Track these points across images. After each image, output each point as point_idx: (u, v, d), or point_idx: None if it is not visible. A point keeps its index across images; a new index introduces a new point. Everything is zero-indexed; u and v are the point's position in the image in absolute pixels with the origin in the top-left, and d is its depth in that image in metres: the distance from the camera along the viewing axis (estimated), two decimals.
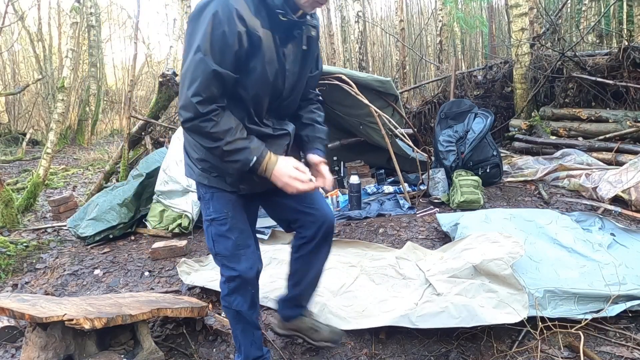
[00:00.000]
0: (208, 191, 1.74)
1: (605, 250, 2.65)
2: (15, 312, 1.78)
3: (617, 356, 1.97)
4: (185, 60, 1.47)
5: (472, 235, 2.72)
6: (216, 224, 1.75)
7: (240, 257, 1.77)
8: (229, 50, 1.44)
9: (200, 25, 1.43)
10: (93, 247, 3.83)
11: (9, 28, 11.88)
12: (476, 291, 2.22)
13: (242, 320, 1.87)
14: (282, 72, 1.59)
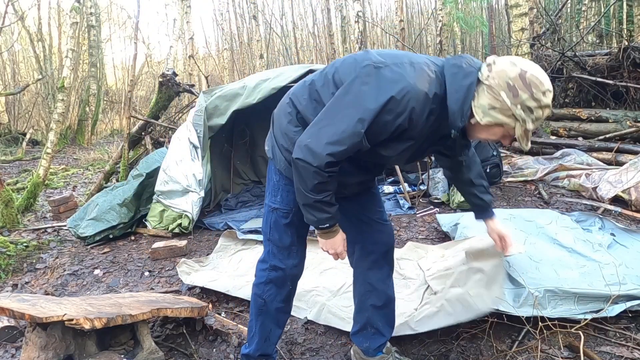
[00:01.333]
0: (282, 180, 1.72)
1: (605, 250, 2.65)
2: (15, 312, 1.78)
3: (617, 356, 1.97)
4: (340, 109, 1.45)
5: (476, 237, 2.72)
6: (278, 213, 1.75)
7: (292, 252, 1.78)
8: (382, 135, 1.47)
9: (376, 94, 1.41)
10: (93, 247, 3.83)
11: (9, 28, 11.88)
12: (467, 277, 2.21)
13: (266, 313, 1.84)
14: (413, 157, 1.70)
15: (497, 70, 1.41)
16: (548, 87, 1.40)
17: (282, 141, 1.66)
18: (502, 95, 1.39)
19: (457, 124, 1.47)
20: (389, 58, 1.48)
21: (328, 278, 2.72)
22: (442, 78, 1.48)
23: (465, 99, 1.44)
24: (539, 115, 1.42)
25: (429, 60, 1.53)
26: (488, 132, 1.51)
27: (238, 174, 5.20)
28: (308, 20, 15.38)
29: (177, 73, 5.72)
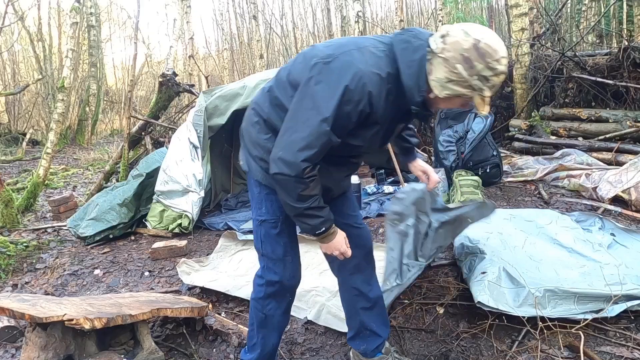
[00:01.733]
0: (263, 191, 1.70)
1: (605, 250, 2.65)
2: (15, 312, 1.79)
3: (617, 356, 1.97)
4: (302, 114, 1.45)
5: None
6: (267, 225, 1.72)
7: (286, 263, 1.75)
8: (348, 126, 1.47)
9: (330, 90, 1.41)
10: (93, 247, 3.83)
11: (9, 28, 11.88)
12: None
13: (268, 326, 1.83)
14: (384, 139, 1.69)
15: (451, 42, 1.40)
16: (502, 54, 1.41)
17: (256, 152, 1.66)
18: (457, 68, 1.39)
19: (415, 99, 1.48)
20: (336, 49, 1.47)
21: (328, 278, 2.71)
22: (393, 56, 1.47)
23: (419, 73, 1.45)
24: (495, 82, 1.44)
25: (376, 40, 1.53)
26: (448, 102, 1.54)
27: (238, 174, 5.19)
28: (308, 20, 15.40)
29: (177, 73, 5.72)
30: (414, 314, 2.42)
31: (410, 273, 2.33)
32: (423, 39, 1.47)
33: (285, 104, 1.55)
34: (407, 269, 2.29)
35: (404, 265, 2.27)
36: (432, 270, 2.84)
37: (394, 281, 2.22)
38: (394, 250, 2.20)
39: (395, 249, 2.20)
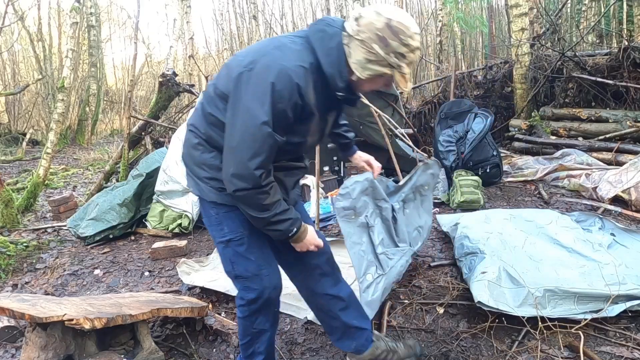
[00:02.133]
0: (220, 211, 1.65)
1: (605, 250, 2.65)
2: (15, 312, 1.79)
3: (617, 356, 1.97)
4: (241, 126, 1.45)
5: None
6: (233, 244, 1.67)
7: (263, 277, 1.69)
8: (286, 122, 1.48)
9: (260, 93, 1.42)
10: (93, 247, 3.83)
11: (9, 28, 11.88)
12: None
13: (262, 337, 1.81)
14: (322, 131, 1.71)
15: (365, 23, 1.44)
16: (415, 30, 1.46)
17: (205, 173, 1.63)
18: (374, 47, 1.43)
19: (339, 85, 1.51)
20: (256, 54, 1.49)
21: None
22: (311, 47, 1.50)
23: (338, 60, 1.49)
24: (412, 58, 1.49)
25: (292, 36, 1.56)
26: (371, 83, 1.56)
27: None
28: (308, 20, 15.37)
29: (177, 73, 5.72)
30: (414, 314, 2.42)
31: (393, 261, 2.33)
32: (337, 26, 1.51)
33: (219, 118, 1.55)
34: (387, 258, 2.30)
35: (380, 255, 2.25)
36: (432, 270, 2.84)
37: (376, 272, 2.19)
38: (360, 244, 2.15)
39: (362, 242, 2.16)
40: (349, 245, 2.10)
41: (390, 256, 2.33)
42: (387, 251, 2.32)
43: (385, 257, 2.29)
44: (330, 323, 1.94)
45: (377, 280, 2.20)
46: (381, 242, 2.28)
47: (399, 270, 2.39)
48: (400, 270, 2.41)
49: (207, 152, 1.61)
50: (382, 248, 2.28)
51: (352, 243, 2.11)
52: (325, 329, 2.02)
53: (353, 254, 2.10)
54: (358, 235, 2.15)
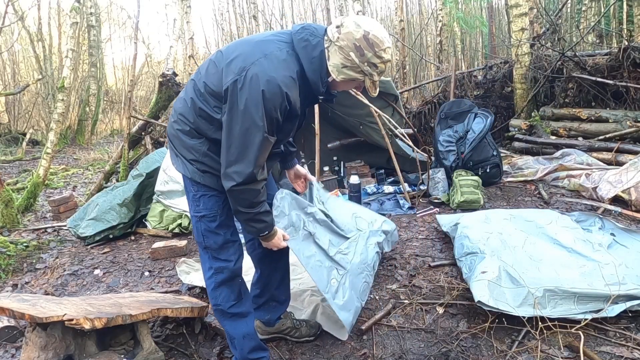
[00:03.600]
0: (200, 190, 1.82)
1: (605, 250, 2.65)
2: (15, 312, 1.78)
3: (617, 356, 1.97)
4: (236, 126, 1.59)
5: None
6: (206, 220, 1.84)
7: (229, 248, 1.89)
8: (277, 124, 1.65)
9: (254, 103, 1.55)
10: (93, 247, 3.83)
11: (9, 28, 11.88)
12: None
13: (229, 318, 1.93)
14: (300, 123, 1.87)
15: (345, 32, 1.60)
16: (388, 45, 1.64)
17: (191, 156, 1.78)
18: (351, 55, 1.61)
19: (320, 89, 1.70)
20: (245, 60, 1.60)
21: None
22: (296, 54, 1.65)
23: (320, 68, 1.66)
24: (382, 69, 1.67)
25: (278, 40, 1.68)
26: (345, 85, 1.75)
27: None
28: (308, 20, 15.37)
29: (177, 73, 5.71)
30: (414, 314, 2.42)
31: (350, 254, 2.37)
32: (319, 35, 1.66)
33: (210, 114, 1.70)
34: (342, 255, 2.31)
35: (336, 256, 2.26)
36: (432, 270, 2.84)
37: (338, 275, 2.23)
38: (313, 256, 2.14)
39: (313, 253, 2.15)
40: (305, 261, 2.07)
41: (344, 252, 2.34)
42: (340, 249, 2.32)
43: (340, 255, 2.30)
44: (264, 290, 2.18)
45: (341, 281, 2.21)
46: (330, 244, 2.27)
47: (362, 259, 2.41)
48: (363, 258, 2.43)
49: (196, 139, 1.76)
50: (334, 248, 2.28)
51: (306, 258, 2.10)
52: (256, 294, 2.21)
53: (311, 269, 2.09)
54: (307, 248, 2.13)
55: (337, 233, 2.36)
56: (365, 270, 2.43)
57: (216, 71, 1.67)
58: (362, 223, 2.67)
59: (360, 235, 2.53)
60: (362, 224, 2.65)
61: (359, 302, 2.29)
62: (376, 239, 2.66)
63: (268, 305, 2.21)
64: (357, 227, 2.58)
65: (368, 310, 2.48)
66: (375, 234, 2.68)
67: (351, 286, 2.25)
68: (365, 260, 2.45)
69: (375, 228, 2.73)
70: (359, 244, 2.46)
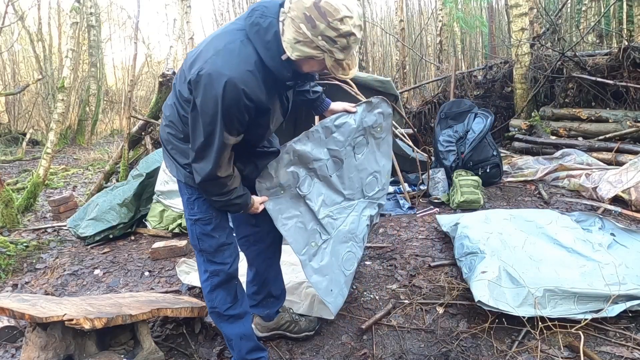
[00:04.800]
0: (194, 192, 1.79)
1: (605, 250, 2.65)
2: (15, 312, 1.78)
3: (617, 356, 1.97)
4: (196, 128, 1.54)
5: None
6: (201, 223, 1.81)
7: (225, 252, 1.85)
8: (241, 123, 1.54)
9: (210, 104, 1.46)
10: (93, 247, 3.83)
11: (9, 28, 11.88)
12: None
13: (226, 321, 1.92)
14: (284, 111, 1.77)
15: (295, 1, 1.39)
16: (345, 14, 1.36)
17: (183, 160, 1.74)
18: (302, 27, 1.38)
19: (285, 75, 1.52)
20: (200, 59, 1.49)
21: None
22: (252, 42, 1.48)
23: (277, 51, 1.46)
24: (345, 44, 1.40)
25: (233, 30, 1.52)
26: (306, 65, 1.52)
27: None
28: None
29: (177, 73, 5.71)
30: (414, 314, 2.42)
31: (339, 220, 2.23)
32: (271, 14, 1.47)
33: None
34: (331, 219, 2.18)
35: (323, 220, 2.13)
36: (432, 270, 2.84)
37: (320, 239, 2.12)
38: (297, 216, 2.03)
39: (298, 213, 2.04)
40: (281, 222, 1.98)
41: (335, 217, 2.20)
42: (331, 212, 2.18)
43: (329, 219, 2.16)
44: (261, 286, 2.17)
45: (322, 246, 2.13)
46: (323, 204, 2.13)
47: (350, 229, 2.29)
48: (352, 228, 2.30)
49: (187, 144, 1.70)
50: (325, 210, 2.14)
51: (286, 219, 1.99)
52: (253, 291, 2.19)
53: (288, 230, 1.99)
54: (292, 209, 2.02)
55: (336, 190, 2.20)
56: (352, 240, 2.32)
57: (180, 75, 1.62)
58: (372, 187, 2.41)
59: (358, 204, 2.36)
60: (370, 188, 2.41)
61: (341, 270, 2.22)
62: (370, 211, 2.44)
63: (266, 301, 2.20)
64: (363, 190, 2.36)
65: (368, 310, 2.48)
66: (371, 206, 2.46)
67: (333, 253, 2.17)
68: (354, 231, 2.33)
69: (376, 196, 2.49)
70: (352, 213, 2.31)
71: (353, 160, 2.23)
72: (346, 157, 2.17)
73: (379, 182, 2.41)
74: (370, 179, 2.37)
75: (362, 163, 2.28)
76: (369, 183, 2.36)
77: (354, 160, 2.23)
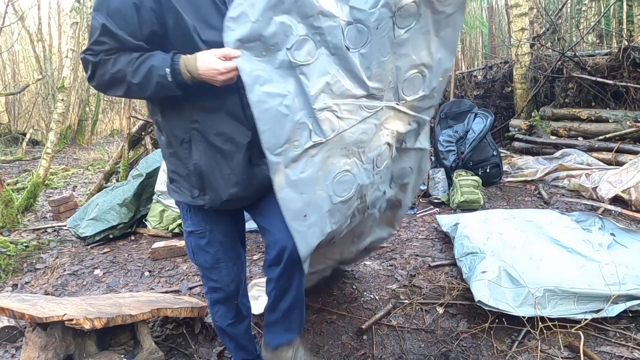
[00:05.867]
0: (184, 206, 1.68)
1: (605, 250, 2.65)
2: (15, 312, 1.78)
3: (617, 356, 1.97)
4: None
5: None
6: (195, 236, 1.69)
7: (222, 269, 1.71)
8: (131, 20, 1.30)
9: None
10: (93, 247, 3.83)
11: (9, 28, 11.88)
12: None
13: (225, 333, 1.86)
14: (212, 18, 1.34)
15: None
16: None
17: (167, 175, 1.64)
18: None
19: None
20: None
21: None
22: None
23: None
24: None
25: None
26: None
27: None
28: None
29: None
30: (414, 314, 2.42)
31: (346, 121, 1.45)
32: None
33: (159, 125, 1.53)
34: (332, 116, 1.42)
35: (322, 113, 1.39)
36: (432, 270, 2.84)
37: (308, 139, 1.40)
38: (280, 96, 1.33)
39: (285, 93, 1.34)
40: (256, 96, 1.29)
41: (340, 113, 1.43)
42: (335, 105, 1.41)
43: (329, 115, 1.41)
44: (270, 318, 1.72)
45: (310, 151, 1.41)
46: (326, 90, 1.39)
47: (359, 138, 1.50)
48: (364, 139, 1.52)
49: (167, 157, 1.57)
50: (326, 99, 1.39)
51: (265, 94, 1.30)
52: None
53: (264, 112, 1.31)
54: (279, 81, 1.33)
55: (354, 75, 1.42)
56: (356, 156, 1.53)
57: None
58: (413, 87, 1.59)
59: (384, 110, 1.54)
60: (410, 89, 1.58)
61: (327, 193, 1.49)
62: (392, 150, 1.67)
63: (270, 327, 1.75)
64: (398, 88, 1.55)
65: (368, 310, 2.48)
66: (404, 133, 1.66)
67: (322, 165, 1.45)
68: (364, 144, 1.53)
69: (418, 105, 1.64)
70: (369, 119, 1.51)
71: (390, 36, 1.43)
72: (379, 28, 1.39)
73: (425, 83, 1.57)
74: (413, 75, 1.53)
75: (405, 45, 1.47)
76: (409, 79, 1.54)
77: (391, 35, 1.43)
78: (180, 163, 1.52)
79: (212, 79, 1.30)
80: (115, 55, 1.32)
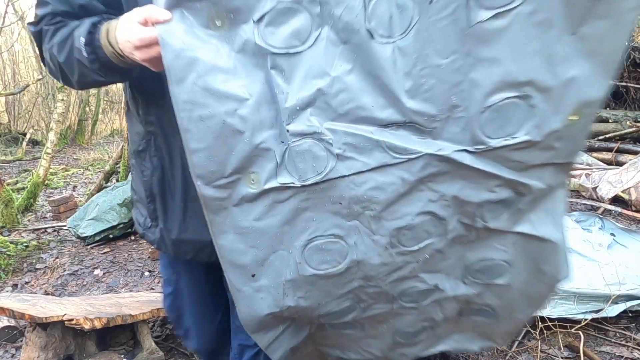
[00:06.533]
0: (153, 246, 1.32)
1: (605, 250, 2.65)
2: (15, 312, 1.79)
3: (617, 356, 1.97)
4: None
5: None
6: (164, 281, 1.40)
7: (190, 333, 1.42)
8: None
9: None
10: (93, 247, 3.83)
11: (9, 28, 11.88)
12: None
13: None
14: None
15: None
16: None
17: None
18: None
19: None
20: None
21: None
22: None
23: None
24: None
25: None
26: None
27: None
28: None
29: None
30: None
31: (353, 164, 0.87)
32: None
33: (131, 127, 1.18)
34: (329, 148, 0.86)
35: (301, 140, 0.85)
36: None
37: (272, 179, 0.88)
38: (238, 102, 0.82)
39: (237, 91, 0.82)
40: (185, 99, 0.81)
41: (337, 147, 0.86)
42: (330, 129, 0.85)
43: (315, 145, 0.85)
44: None
45: (275, 193, 0.90)
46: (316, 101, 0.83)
47: (363, 195, 0.90)
48: (371, 195, 0.90)
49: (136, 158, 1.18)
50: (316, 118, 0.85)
51: (203, 93, 0.81)
52: None
53: (198, 120, 0.82)
54: (235, 77, 0.82)
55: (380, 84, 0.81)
56: (355, 218, 0.95)
57: None
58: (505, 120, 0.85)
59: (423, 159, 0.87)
60: (498, 124, 0.85)
61: (294, 259, 0.97)
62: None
63: None
64: (478, 126, 0.85)
65: None
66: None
67: (290, 218, 0.93)
68: (372, 205, 0.92)
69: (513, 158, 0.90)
70: (393, 170, 0.88)
71: (460, 21, 0.78)
72: (436, 3, 0.78)
73: (533, 119, 0.85)
74: (506, 100, 0.83)
75: (493, 41, 0.79)
76: (497, 108, 0.84)
77: (462, 20, 0.78)
78: (137, 178, 1.16)
79: (132, 57, 0.84)
80: (59, 24, 0.96)
